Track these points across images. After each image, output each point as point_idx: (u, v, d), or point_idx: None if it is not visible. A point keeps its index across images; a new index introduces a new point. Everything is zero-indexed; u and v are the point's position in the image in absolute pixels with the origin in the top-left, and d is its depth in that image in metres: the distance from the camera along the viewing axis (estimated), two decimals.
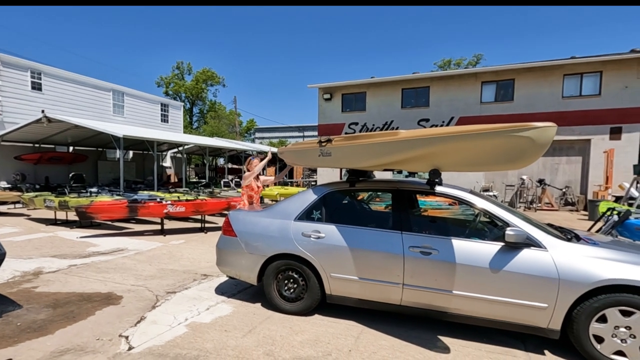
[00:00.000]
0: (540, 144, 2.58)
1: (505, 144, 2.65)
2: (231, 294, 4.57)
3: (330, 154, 3.84)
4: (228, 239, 4.25)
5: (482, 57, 40.76)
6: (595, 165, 14.75)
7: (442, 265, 3.29)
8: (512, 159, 2.73)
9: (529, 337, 3.41)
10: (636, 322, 2.81)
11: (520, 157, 2.70)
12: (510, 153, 2.69)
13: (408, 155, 3.20)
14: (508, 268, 3.11)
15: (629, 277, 2.81)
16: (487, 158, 2.84)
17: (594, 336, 2.93)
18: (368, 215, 4.73)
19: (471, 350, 3.22)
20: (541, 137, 2.55)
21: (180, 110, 28.17)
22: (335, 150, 3.77)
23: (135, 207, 8.36)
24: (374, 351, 3.18)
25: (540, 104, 15.65)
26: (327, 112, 19.93)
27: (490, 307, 3.19)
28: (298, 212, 3.96)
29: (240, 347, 3.20)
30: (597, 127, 14.83)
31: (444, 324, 3.65)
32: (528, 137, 2.55)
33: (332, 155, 3.82)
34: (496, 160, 2.82)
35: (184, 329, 3.55)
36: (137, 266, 5.84)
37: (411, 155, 3.19)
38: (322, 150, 3.91)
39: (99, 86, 21.12)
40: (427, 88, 17.81)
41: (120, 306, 4.13)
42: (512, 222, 3.24)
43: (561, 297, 2.97)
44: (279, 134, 42.77)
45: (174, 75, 46.45)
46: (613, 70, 14.68)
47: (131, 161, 23.61)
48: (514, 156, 2.70)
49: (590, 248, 3.07)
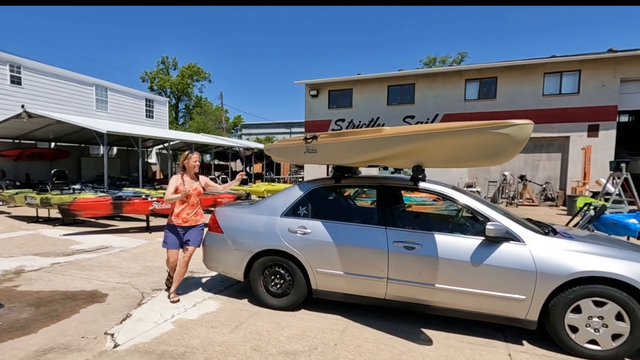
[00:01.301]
0: (518, 141, 2.68)
1: (485, 141, 2.75)
2: (218, 291, 4.58)
3: (315, 150, 3.88)
4: (214, 236, 4.25)
5: (467, 55, 41.45)
6: (574, 162, 15.16)
7: (425, 260, 3.37)
8: (491, 155, 2.83)
9: (509, 328, 3.53)
10: (608, 312, 2.94)
11: (500, 153, 2.80)
12: (490, 149, 2.79)
13: (392, 151, 3.27)
14: (488, 262, 3.21)
15: (601, 269, 2.94)
16: (468, 154, 2.93)
17: (569, 326, 3.06)
18: (353, 211, 4.79)
19: (453, 342, 3.32)
20: (519, 134, 2.65)
21: (166, 105, 27.75)
22: (321, 147, 3.81)
23: (119, 204, 8.26)
24: (359, 344, 3.25)
25: (521, 101, 15.98)
26: (313, 108, 19.93)
27: (472, 300, 3.29)
28: (284, 208, 3.99)
29: (227, 343, 3.23)
30: (576, 125, 15.24)
31: (428, 317, 3.74)
32: (506, 134, 2.65)
33: (318, 152, 3.85)
34: (476, 157, 2.91)
35: (171, 326, 3.55)
36: (122, 264, 5.79)
37: (395, 152, 3.26)
38: (307, 147, 3.93)
39: (81, 81, 20.64)
40: (413, 85, 17.98)
41: (106, 304, 4.10)
42: (493, 217, 3.34)
43: (538, 289, 3.08)
44: (266, 130, 42.56)
45: (158, 70, 45.70)
46: (591, 69, 15.09)
47: (115, 157, 23.20)
48: (493, 152, 2.80)
49: (566, 241, 3.19)
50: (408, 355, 3.08)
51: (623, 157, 13.30)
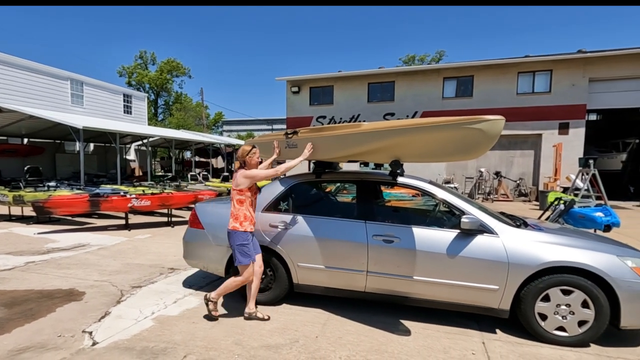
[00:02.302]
0: (491, 136, 2.76)
1: (459, 136, 2.82)
2: (199, 287, 4.57)
3: (296, 145, 3.91)
4: (195, 232, 4.24)
5: (445, 54, 42.23)
6: (546, 159, 15.70)
7: (403, 252, 3.46)
8: (465, 149, 2.90)
9: (483, 318, 3.66)
10: (574, 300, 3.10)
11: (473, 148, 2.87)
12: (464, 144, 2.86)
13: (370, 146, 3.33)
14: (464, 253, 3.32)
15: (568, 259, 3.09)
16: (443, 149, 2.99)
17: (539, 314, 3.20)
18: (334, 206, 4.85)
19: (431, 332, 3.42)
20: (491, 129, 2.74)
21: (144, 101, 27.16)
22: (302, 142, 3.84)
23: (97, 202, 8.08)
24: (339, 336, 3.31)
25: (497, 99, 16.41)
26: (295, 105, 19.90)
27: (448, 291, 3.40)
28: (265, 203, 4.01)
29: (209, 338, 3.24)
30: (548, 123, 15.77)
31: (406, 308, 3.84)
32: (479, 129, 2.73)
33: (299, 147, 3.88)
34: (451, 151, 2.98)
35: (151, 323, 3.54)
36: (100, 261, 5.69)
37: (373, 147, 3.32)
38: (288, 142, 3.96)
39: (55, 74, 19.95)
40: (392, 83, 18.19)
41: (83, 302, 4.04)
42: (468, 210, 3.45)
43: (510, 279, 3.21)
44: (248, 127, 42.22)
45: (136, 65, 44.58)
46: (562, 69, 15.64)
47: (92, 154, 22.60)
48: (467, 147, 2.87)
49: (536, 233, 3.33)
50: (387, 345, 3.16)
51: (591, 154, 13.89)
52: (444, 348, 3.12)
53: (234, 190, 3.47)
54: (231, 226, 3.45)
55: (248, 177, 3.42)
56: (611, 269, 3.02)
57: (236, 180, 3.46)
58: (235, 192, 3.46)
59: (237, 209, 3.45)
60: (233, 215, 3.46)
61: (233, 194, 3.48)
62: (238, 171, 3.52)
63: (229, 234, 3.46)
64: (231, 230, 3.44)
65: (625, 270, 3.03)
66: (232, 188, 3.50)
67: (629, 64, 14.84)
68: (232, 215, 3.47)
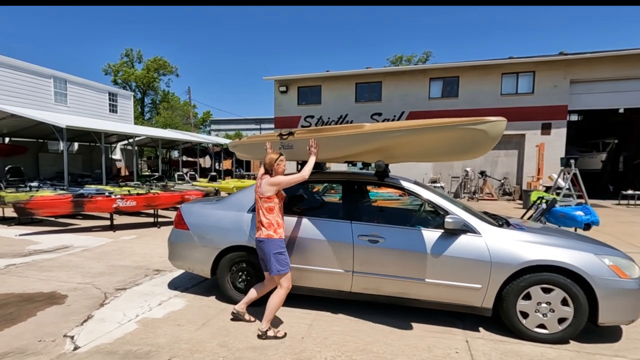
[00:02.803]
0: (493, 136, 2.86)
1: (463, 136, 2.92)
2: (185, 288, 4.53)
3: (292, 147, 3.86)
4: (180, 232, 4.20)
5: (431, 54, 42.62)
6: (529, 158, 16.01)
7: (388, 252, 3.49)
8: (468, 149, 3.02)
9: (467, 316, 3.72)
10: (554, 298, 3.17)
11: (475, 148, 2.99)
12: (467, 144, 2.97)
13: (373, 146, 3.41)
14: (448, 253, 3.37)
15: (548, 257, 3.16)
16: (447, 148, 3.11)
17: (520, 312, 3.27)
18: (320, 206, 4.85)
19: (416, 331, 3.46)
20: (493, 130, 2.83)
21: (130, 100, 26.73)
22: (298, 143, 3.79)
23: (81, 202, 7.94)
24: (325, 337, 3.33)
25: (481, 100, 16.66)
26: (283, 104, 19.86)
27: (433, 290, 3.44)
28: (252, 204, 3.99)
29: (194, 340, 3.22)
30: (531, 123, 16.08)
31: (392, 308, 3.87)
32: (482, 129, 2.82)
33: (295, 148, 3.84)
34: (455, 150, 3.09)
35: (135, 325, 3.50)
36: (84, 263, 5.59)
37: (376, 147, 3.40)
38: (282, 143, 3.90)
39: (38, 72, 19.48)
40: (380, 83, 18.29)
41: (65, 305, 3.97)
42: (451, 210, 3.50)
43: (493, 278, 3.26)
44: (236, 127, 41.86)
45: (122, 63, 43.87)
46: (544, 71, 15.96)
47: (77, 153, 22.16)
48: (469, 147, 2.98)
49: (518, 233, 3.40)
50: (373, 345, 3.19)
51: (573, 154, 14.19)
52: (428, 347, 3.16)
53: (262, 199, 3.33)
54: (265, 234, 3.28)
55: (274, 185, 3.32)
56: (589, 267, 3.10)
57: (261, 188, 3.34)
58: (263, 200, 3.33)
59: (268, 217, 3.31)
60: (264, 223, 3.30)
61: (260, 202, 3.34)
62: (262, 178, 3.41)
63: (263, 243, 3.28)
64: (265, 238, 3.27)
65: (603, 268, 3.11)
66: (259, 196, 3.36)
67: (609, 66, 15.22)
68: (261, 223, 3.32)
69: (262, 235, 3.30)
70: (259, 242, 3.32)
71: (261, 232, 3.31)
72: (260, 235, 3.31)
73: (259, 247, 3.35)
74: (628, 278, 3.10)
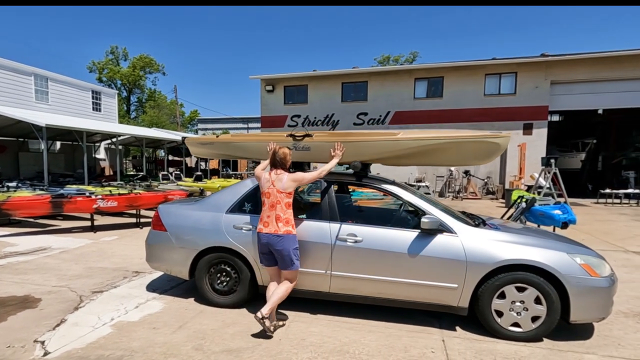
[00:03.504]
0: (503, 147, 3.57)
1: (484, 147, 3.55)
2: (163, 290, 4.47)
3: (309, 148, 3.85)
4: (158, 234, 4.15)
5: (418, 55, 42.91)
6: (512, 158, 16.26)
7: (366, 253, 3.50)
8: (483, 157, 3.69)
9: (444, 315, 3.74)
10: (528, 296, 3.22)
11: (489, 156, 3.66)
12: (485, 153, 3.61)
13: (402, 153, 3.71)
14: (424, 253, 3.38)
15: (522, 257, 3.20)
16: (465, 156, 3.71)
17: (495, 311, 3.30)
18: (299, 206, 4.82)
19: (393, 330, 3.47)
20: (504, 143, 3.53)
21: (115, 98, 26.27)
22: (317, 145, 3.80)
23: (60, 203, 7.77)
24: (303, 338, 3.31)
25: (465, 100, 16.86)
26: (269, 104, 19.76)
27: (410, 290, 3.46)
28: (230, 204, 3.96)
29: (169, 344, 3.17)
30: (513, 123, 16.36)
31: (371, 307, 3.87)
32: (497, 142, 3.50)
33: (312, 150, 3.85)
34: (473, 158, 3.73)
35: (109, 329, 3.43)
36: (61, 265, 5.47)
37: (404, 153, 3.72)
38: (296, 145, 3.85)
39: (18, 69, 18.98)
40: (365, 83, 18.35)
41: (38, 309, 3.87)
42: (428, 211, 3.52)
43: (469, 277, 3.29)
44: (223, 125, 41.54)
45: (107, 61, 43.15)
46: (526, 72, 16.25)
47: (59, 153, 21.71)
48: (485, 155, 3.65)
49: (493, 232, 3.44)
50: (349, 346, 3.19)
51: (553, 154, 14.48)
52: (404, 347, 3.18)
53: (282, 194, 3.33)
54: (284, 230, 3.30)
55: (296, 181, 3.38)
56: (561, 266, 3.15)
57: (283, 183, 3.34)
58: (284, 196, 3.33)
59: (287, 213, 3.35)
60: (282, 219, 3.32)
61: (280, 197, 3.33)
62: (277, 173, 3.41)
63: (282, 238, 3.29)
64: (285, 234, 3.30)
65: (575, 267, 3.16)
66: (278, 191, 3.33)
67: (587, 68, 15.56)
68: (279, 219, 3.32)
69: (280, 230, 3.31)
70: (277, 237, 3.31)
71: (279, 227, 3.32)
72: (278, 231, 3.31)
73: (274, 243, 3.31)
74: (598, 276, 3.16)
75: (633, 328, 3.60)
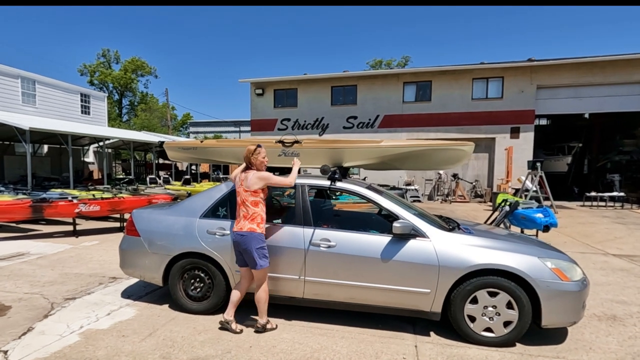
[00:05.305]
0: (469, 154, 4.23)
1: (453, 154, 4.20)
2: (138, 297, 4.39)
3: (299, 154, 4.24)
4: (131, 239, 4.08)
5: (410, 59, 43.13)
6: (499, 161, 16.38)
7: (339, 258, 3.46)
8: (453, 162, 4.32)
9: (419, 320, 3.72)
10: (500, 301, 3.20)
11: (458, 161, 4.31)
12: (454, 159, 4.24)
13: (384, 159, 4.29)
14: (397, 258, 3.36)
15: (493, 261, 3.19)
16: (439, 162, 4.35)
17: (468, 316, 3.28)
18: (274, 211, 4.78)
19: (365, 336, 3.44)
20: (469, 150, 4.17)
21: (104, 101, 26.02)
22: (306, 151, 4.28)
23: (40, 207, 7.63)
24: (273, 345, 3.26)
25: (453, 104, 16.96)
26: (259, 107, 19.70)
27: (383, 295, 3.43)
28: (204, 209, 3.91)
29: (136, 353, 3.10)
30: (501, 127, 16.47)
31: (346, 313, 3.83)
32: (464, 149, 4.14)
33: (302, 155, 4.22)
34: (444, 163, 4.34)
35: (77, 338, 3.35)
36: (36, 272, 5.36)
37: (386, 159, 4.30)
38: (285, 151, 4.31)
39: (4, 72, 18.72)
40: (355, 87, 18.37)
41: (6, 317, 3.78)
42: (401, 215, 3.50)
43: (441, 282, 3.27)
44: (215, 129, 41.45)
45: (99, 64, 42.82)
46: (512, 76, 16.40)
47: (46, 156, 21.44)
48: (455, 160, 4.28)
49: (465, 236, 3.42)
50: (320, 352, 3.14)
51: (540, 157, 14.60)
52: (375, 353, 3.14)
53: (247, 192, 3.33)
54: (247, 228, 3.29)
55: (262, 179, 3.37)
56: (532, 270, 3.14)
57: (248, 181, 3.35)
58: (249, 194, 3.33)
59: (252, 210, 3.33)
60: (247, 217, 3.32)
61: (245, 196, 3.34)
62: (247, 172, 3.42)
63: (244, 237, 3.29)
64: (248, 232, 3.28)
65: (545, 271, 3.16)
66: (243, 189, 3.35)
67: (572, 72, 15.73)
68: (244, 217, 3.33)
69: (243, 228, 3.31)
70: (240, 235, 3.31)
71: (242, 225, 3.33)
72: (242, 229, 3.31)
73: (238, 242, 3.34)
74: (569, 281, 3.16)
75: (605, 332, 3.60)
